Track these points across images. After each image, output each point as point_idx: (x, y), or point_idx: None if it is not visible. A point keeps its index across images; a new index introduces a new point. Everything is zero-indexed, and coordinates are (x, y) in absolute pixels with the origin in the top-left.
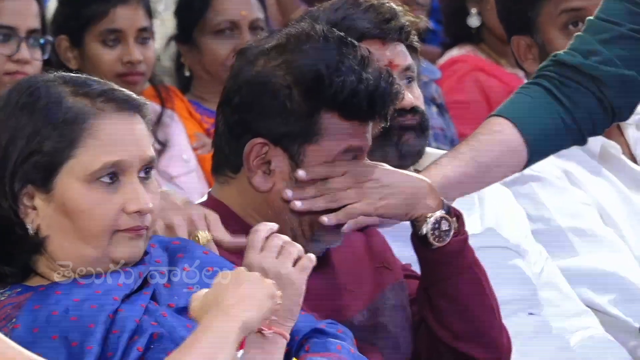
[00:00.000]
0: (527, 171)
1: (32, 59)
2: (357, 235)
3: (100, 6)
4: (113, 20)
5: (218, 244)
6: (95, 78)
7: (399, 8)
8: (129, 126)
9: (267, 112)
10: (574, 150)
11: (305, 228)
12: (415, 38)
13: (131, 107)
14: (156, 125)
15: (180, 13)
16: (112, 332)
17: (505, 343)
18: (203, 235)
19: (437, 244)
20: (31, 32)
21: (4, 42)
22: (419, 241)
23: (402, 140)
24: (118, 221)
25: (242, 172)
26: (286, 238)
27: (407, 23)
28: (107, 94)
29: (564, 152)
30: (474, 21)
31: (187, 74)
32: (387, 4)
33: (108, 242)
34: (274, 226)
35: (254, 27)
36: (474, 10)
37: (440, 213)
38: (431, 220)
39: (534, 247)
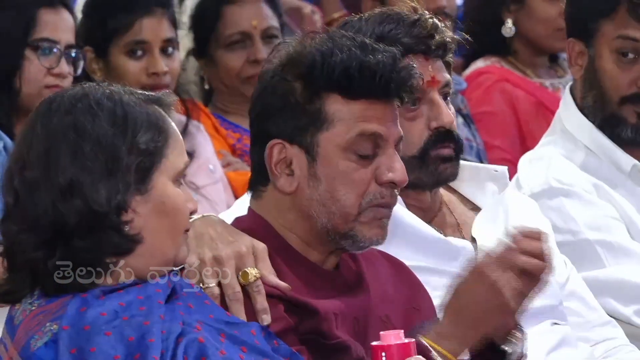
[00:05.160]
0: (556, 184)
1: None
2: (385, 271)
3: (126, 17)
4: (138, 32)
5: (262, 281)
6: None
7: (440, 24)
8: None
9: (276, 112)
10: (605, 166)
11: (339, 222)
12: (451, 54)
13: (172, 111)
14: (182, 135)
15: (194, 28)
16: (161, 331)
17: None
18: (252, 273)
19: None
20: (68, 47)
21: (45, 55)
22: (492, 353)
23: (439, 169)
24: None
25: (271, 182)
26: None
27: (449, 39)
28: (162, 99)
29: (595, 167)
30: (508, 31)
31: (206, 87)
32: (431, 20)
33: (181, 242)
34: None
35: (267, 36)
36: (509, 21)
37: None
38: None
39: (559, 257)
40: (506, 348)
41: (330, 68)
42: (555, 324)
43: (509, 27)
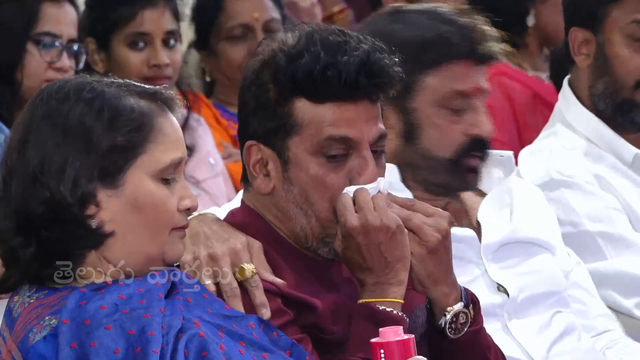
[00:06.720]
0: (557, 176)
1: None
2: None
3: (128, 9)
4: (140, 24)
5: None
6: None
7: (495, 34)
8: (177, 124)
9: (252, 112)
10: (606, 157)
11: (316, 225)
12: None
13: (176, 106)
14: (183, 129)
15: (195, 20)
16: (161, 326)
17: None
18: (249, 268)
19: (452, 337)
20: (71, 41)
21: (47, 49)
22: (435, 330)
23: (468, 178)
24: (176, 218)
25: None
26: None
27: (500, 50)
28: (159, 93)
29: (596, 158)
30: (530, 23)
31: (208, 79)
32: (488, 28)
33: (166, 240)
34: None
35: (268, 28)
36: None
37: (459, 307)
38: (450, 314)
39: (563, 247)
40: (440, 322)
41: (295, 72)
42: (558, 311)
43: (531, 19)
